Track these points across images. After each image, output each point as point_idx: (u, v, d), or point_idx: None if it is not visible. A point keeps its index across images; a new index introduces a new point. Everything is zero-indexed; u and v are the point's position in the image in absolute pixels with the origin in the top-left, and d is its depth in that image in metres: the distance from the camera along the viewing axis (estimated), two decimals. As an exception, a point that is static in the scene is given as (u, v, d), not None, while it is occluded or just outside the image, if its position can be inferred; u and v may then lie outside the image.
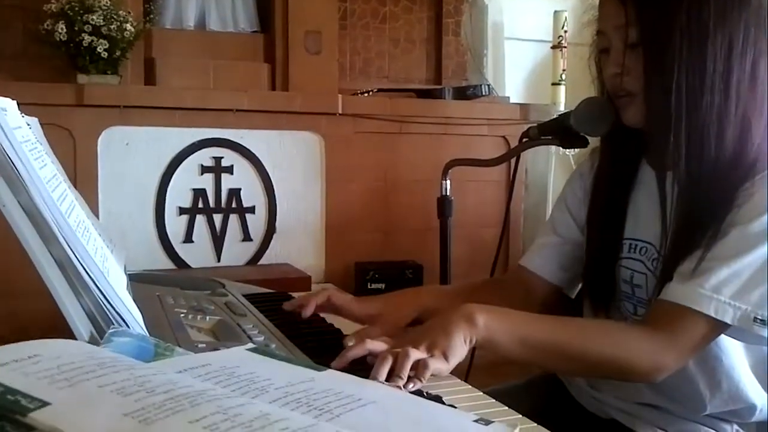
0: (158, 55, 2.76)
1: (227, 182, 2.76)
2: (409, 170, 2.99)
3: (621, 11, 1.03)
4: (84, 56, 2.48)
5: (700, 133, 1.00)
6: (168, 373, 0.60)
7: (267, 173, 2.80)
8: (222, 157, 2.74)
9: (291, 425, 0.52)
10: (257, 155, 2.78)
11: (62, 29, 2.43)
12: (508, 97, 3.36)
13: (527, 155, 3.17)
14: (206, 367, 0.67)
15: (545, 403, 1.18)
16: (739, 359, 1.08)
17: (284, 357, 0.78)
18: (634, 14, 1.02)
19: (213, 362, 0.69)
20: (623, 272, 1.15)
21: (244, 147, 2.76)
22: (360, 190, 2.95)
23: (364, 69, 3.30)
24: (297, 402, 0.61)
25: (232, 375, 0.66)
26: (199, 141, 2.69)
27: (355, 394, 0.65)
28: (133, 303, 0.84)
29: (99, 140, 2.56)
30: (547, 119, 1.70)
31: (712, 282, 0.96)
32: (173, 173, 2.67)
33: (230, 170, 2.75)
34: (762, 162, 1.00)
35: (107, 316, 0.75)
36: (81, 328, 0.74)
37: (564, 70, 3.21)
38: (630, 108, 1.08)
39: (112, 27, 2.46)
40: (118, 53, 2.52)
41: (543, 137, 1.65)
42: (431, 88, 3.17)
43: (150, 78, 2.72)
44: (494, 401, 0.87)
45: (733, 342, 1.06)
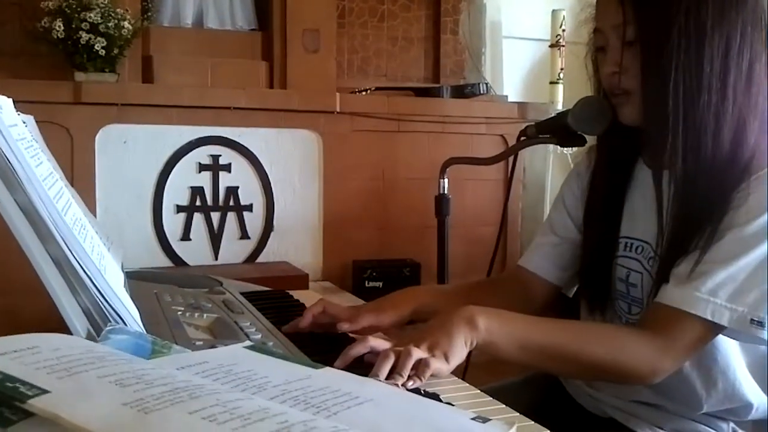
0: (156, 53, 2.76)
1: (225, 180, 2.75)
2: (407, 169, 2.99)
3: (619, 9, 1.03)
4: (81, 54, 2.47)
5: (697, 133, 1.00)
6: (166, 368, 0.60)
7: (265, 171, 2.80)
8: (220, 155, 2.74)
9: (289, 419, 0.52)
10: (255, 153, 2.78)
11: (60, 27, 2.43)
12: (506, 96, 3.36)
13: (525, 154, 3.19)
14: (204, 365, 0.67)
15: (543, 401, 1.19)
16: (735, 358, 1.08)
17: (282, 354, 0.78)
18: (632, 13, 1.02)
19: (210, 360, 0.69)
20: (619, 270, 1.16)
21: (242, 145, 2.76)
22: (358, 189, 2.95)
23: (362, 67, 3.30)
24: (294, 399, 0.61)
25: (230, 372, 0.66)
26: (197, 139, 2.69)
27: (353, 392, 0.65)
28: (131, 300, 0.84)
29: (96, 138, 2.56)
30: (545, 118, 1.70)
31: (709, 285, 0.96)
32: (171, 171, 2.67)
33: (228, 168, 2.75)
34: (757, 162, 1.00)
35: (104, 314, 0.75)
36: (78, 326, 0.73)
37: (562, 69, 3.21)
38: (626, 106, 1.08)
39: (110, 25, 2.45)
40: (116, 51, 2.51)
41: (541, 136, 1.65)
42: (429, 87, 3.17)
43: (148, 76, 2.72)
44: (492, 399, 0.87)
45: (729, 341, 1.06)
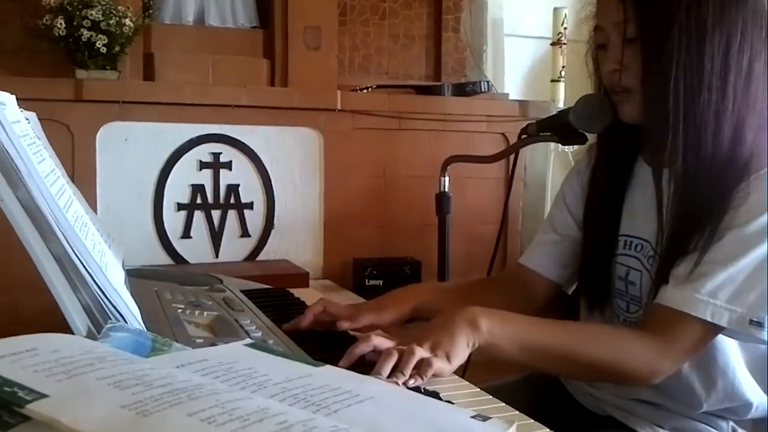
0: (157, 51, 2.75)
1: (226, 178, 2.75)
2: (408, 166, 2.99)
3: (620, 7, 1.03)
4: (83, 51, 2.47)
5: (697, 131, 1.00)
6: (166, 368, 0.60)
7: (265, 169, 2.80)
8: (221, 153, 2.73)
9: (289, 419, 0.52)
10: (256, 151, 2.78)
11: (61, 24, 2.42)
12: (508, 94, 3.36)
13: (526, 152, 3.18)
14: (204, 363, 0.67)
15: (542, 400, 1.19)
16: (734, 357, 1.08)
17: (282, 352, 0.78)
18: (633, 10, 1.02)
19: (211, 358, 0.69)
20: (618, 269, 1.16)
21: (243, 143, 2.76)
22: (358, 187, 2.94)
23: (364, 65, 3.30)
24: (295, 397, 0.62)
25: (230, 370, 0.66)
26: (198, 137, 2.69)
27: (353, 390, 0.65)
28: (131, 298, 0.85)
29: (97, 136, 2.55)
30: (546, 116, 1.70)
31: (708, 287, 0.96)
32: (172, 169, 2.67)
33: (229, 166, 2.75)
34: (756, 161, 1.00)
35: (105, 311, 0.75)
36: (78, 323, 0.73)
37: (563, 67, 3.20)
38: (627, 104, 1.08)
39: (111, 22, 2.45)
40: (117, 48, 2.51)
41: (542, 134, 1.65)
42: (430, 85, 3.17)
43: (149, 73, 2.72)
44: (491, 397, 0.87)
45: (728, 341, 1.06)
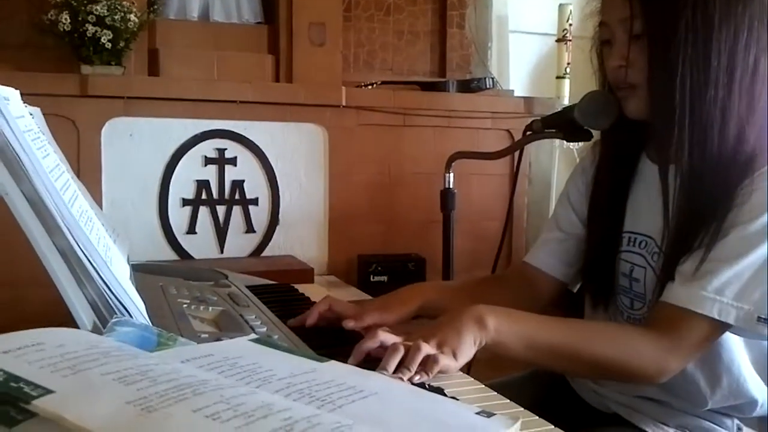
0: (162, 46, 2.76)
1: (231, 174, 2.76)
2: (413, 163, 2.99)
3: (626, 3, 1.02)
4: (88, 47, 2.47)
5: (703, 127, 0.99)
6: (171, 363, 0.61)
7: (270, 165, 2.80)
8: (225, 149, 2.74)
9: (293, 414, 0.52)
10: (261, 147, 2.78)
11: (66, 19, 2.43)
12: (512, 91, 3.35)
13: (531, 149, 3.18)
14: (209, 358, 0.67)
15: (547, 396, 1.19)
16: (739, 355, 1.08)
17: (287, 348, 0.78)
18: (639, 6, 1.01)
19: (216, 353, 0.69)
20: (623, 265, 1.15)
21: (248, 138, 2.76)
22: (363, 183, 2.94)
23: (368, 61, 3.30)
24: (299, 393, 0.62)
25: (235, 365, 0.66)
26: (203, 132, 2.69)
27: (358, 386, 0.65)
28: (136, 293, 0.85)
29: (103, 131, 2.56)
30: (551, 113, 1.69)
31: (714, 284, 0.96)
32: (177, 164, 2.67)
33: (234, 162, 2.75)
34: (760, 158, 1.00)
35: (110, 306, 0.76)
36: (84, 318, 0.74)
37: (569, 64, 3.19)
38: (632, 100, 1.07)
39: (116, 17, 2.45)
40: (122, 44, 2.51)
41: (547, 130, 1.64)
42: (435, 81, 3.16)
43: (154, 69, 2.72)
44: (496, 394, 0.87)
45: (733, 338, 1.06)
